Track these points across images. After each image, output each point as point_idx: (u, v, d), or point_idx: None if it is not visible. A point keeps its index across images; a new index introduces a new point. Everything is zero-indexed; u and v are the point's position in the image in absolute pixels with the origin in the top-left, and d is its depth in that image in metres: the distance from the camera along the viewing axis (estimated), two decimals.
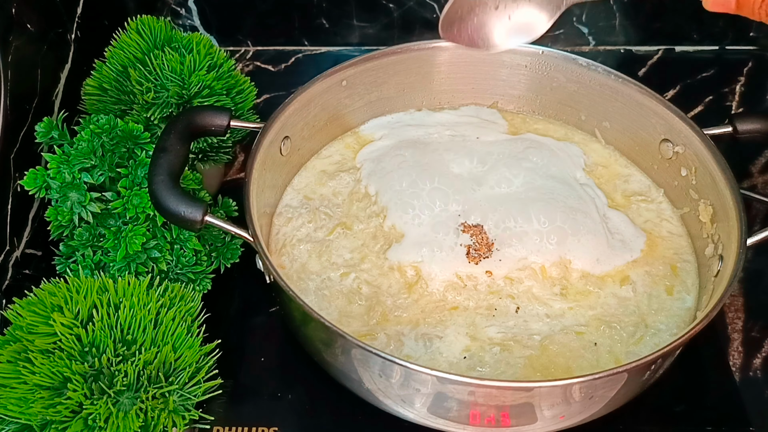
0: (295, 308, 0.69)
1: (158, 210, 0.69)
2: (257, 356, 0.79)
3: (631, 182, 0.88)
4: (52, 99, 0.85)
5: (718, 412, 0.74)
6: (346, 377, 0.70)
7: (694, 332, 0.63)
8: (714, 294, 0.71)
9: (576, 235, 0.78)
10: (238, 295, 0.85)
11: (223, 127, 0.76)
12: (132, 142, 0.75)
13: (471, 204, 0.81)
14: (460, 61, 0.92)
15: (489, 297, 0.75)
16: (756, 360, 0.80)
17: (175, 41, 0.84)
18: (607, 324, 0.73)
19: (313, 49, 1.17)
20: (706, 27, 1.13)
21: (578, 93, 0.90)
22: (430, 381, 0.62)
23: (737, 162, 0.82)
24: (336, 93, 0.87)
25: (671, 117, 0.82)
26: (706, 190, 0.79)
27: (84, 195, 0.71)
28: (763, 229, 0.70)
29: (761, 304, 0.85)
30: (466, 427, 0.67)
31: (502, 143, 0.89)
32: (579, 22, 1.13)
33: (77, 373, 0.60)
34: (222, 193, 0.86)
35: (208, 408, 0.67)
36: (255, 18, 1.13)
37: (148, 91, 0.80)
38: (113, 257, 0.72)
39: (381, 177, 0.85)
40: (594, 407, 0.67)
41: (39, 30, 0.82)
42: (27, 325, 0.63)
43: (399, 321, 0.74)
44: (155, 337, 0.64)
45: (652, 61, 1.15)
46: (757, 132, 0.78)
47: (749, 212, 0.91)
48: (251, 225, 0.69)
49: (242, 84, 0.87)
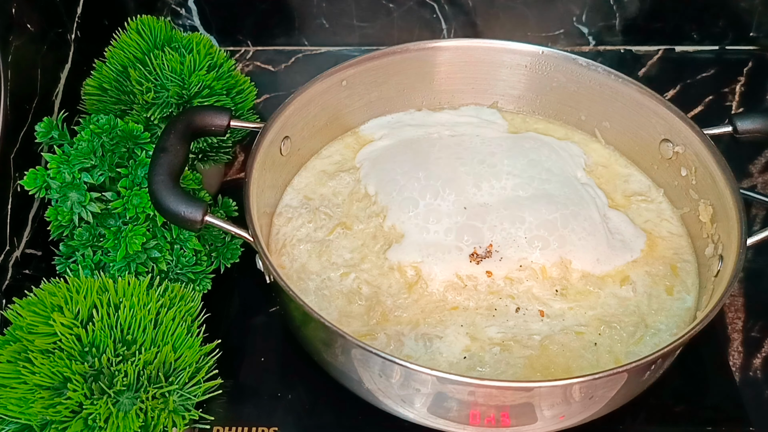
0: (295, 308, 0.69)
1: (158, 210, 0.69)
2: (257, 356, 0.79)
3: (631, 182, 0.88)
4: (52, 99, 0.85)
5: (718, 412, 0.74)
6: (346, 377, 0.70)
7: (694, 332, 0.63)
8: (714, 294, 0.71)
9: (576, 235, 0.78)
10: (238, 295, 0.85)
11: (223, 127, 0.76)
12: (132, 142, 0.75)
13: (471, 204, 0.81)
14: (460, 61, 0.92)
15: (489, 297, 0.75)
16: (756, 360, 0.80)
17: (175, 41, 0.84)
18: (607, 324, 0.73)
19: (313, 49, 1.17)
20: (706, 27, 1.13)
21: (578, 93, 0.90)
22: (430, 381, 0.62)
23: (737, 162, 0.83)
24: (336, 93, 0.87)
25: (671, 117, 0.82)
26: (706, 190, 0.78)
27: (84, 195, 0.71)
28: (763, 229, 0.70)
29: (761, 304, 0.85)
30: (466, 427, 0.67)
31: (503, 143, 0.89)
32: (579, 22, 1.13)
33: (77, 373, 0.60)
34: (222, 193, 0.86)
35: (208, 408, 0.67)
36: (255, 18, 1.13)
37: (148, 91, 0.80)
38: (113, 257, 0.72)
39: (380, 177, 0.85)
40: (594, 407, 0.67)
41: (39, 30, 0.82)
42: (27, 325, 0.63)
43: (399, 321, 0.74)
44: (155, 337, 0.64)
45: (652, 61, 1.15)
46: (757, 132, 0.78)
47: (749, 212, 0.91)
48: (251, 225, 0.69)
49: (242, 84, 0.87)
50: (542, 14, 1.12)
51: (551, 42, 1.15)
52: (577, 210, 0.81)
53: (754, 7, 1.09)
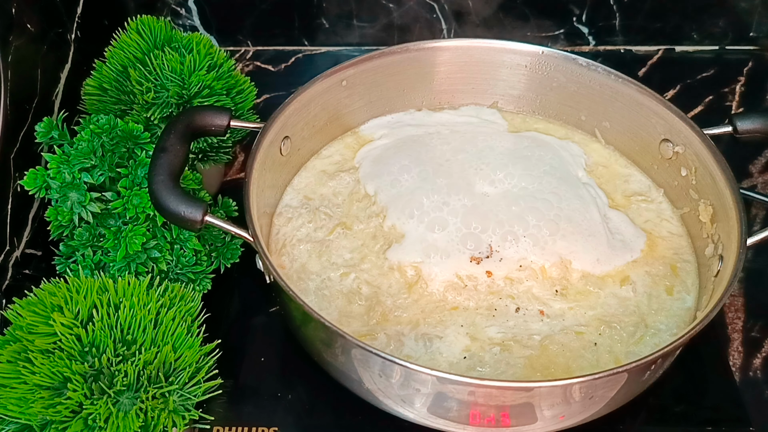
0: (295, 308, 0.69)
1: (158, 210, 0.69)
2: (257, 356, 0.79)
3: (631, 182, 0.88)
4: (52, 99, 0.85)
5: (718, 412, 0.74)
6: (346, 377, 0.70)
7: (694, 332, 0.63)
8: (714, 294, 0.71)
9: (577, 235, 0.78)
10: (238, 295, 0.85)
11: (223, 127, 0.76)
12: (132, 142, 0.75)
13: (471, 204, 0.81)
14: (460, 61, 0.92)
15: (489, 297, 0.75)
16: (756, 360, 0.80)
17: (175, 41, 0.84)
18: (607, 324, 0.73)
19: (313, 49, 1.17)
20: (706, 27, 1.13)
21: (578, 93, 0.90)
22: (430, 381, 0.62)
23: (737, 162, 0.82)
24: (336, 93, 0.87)
25: (671, 117, 0.82)
26: (706, 190, 0.78)
27: (84, 195, 0.71)
28: (763, 229, 0.70)
29: (761, 304, 0.85)
30: (466, 427, 0.67)
31: (504, 142, 0.89)
32: (579, 22, 1.13)
33: (77, 373, 0.60)
34: (222, 193, 0.86)
35: (208, 408, 0.67)
36: (255, 18, 1.13)
37: (148, 91, 0.80)
38: (113, 257, 0.72)
39: (380, 177, 0.85)
40: (594, 407, 0.67)
41: (39, 30, 0.82)
42: (27, 325, 0.63)
43: (399, 321, 0.74)
44: (155, 337, 0.64)
45: (652, 61, 1.15)
46: (757, 132, 0.78)
47: (749, 212, 0.91)
48: (251, 225, 0.69)
49: (242, 84, 0.87)
50: (542, 14, 1.12)
51: (551, 42, 1.15)
52: (577, 210, 0.81)
53: (754, 7, 1.09)
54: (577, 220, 0.80)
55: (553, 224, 0.79)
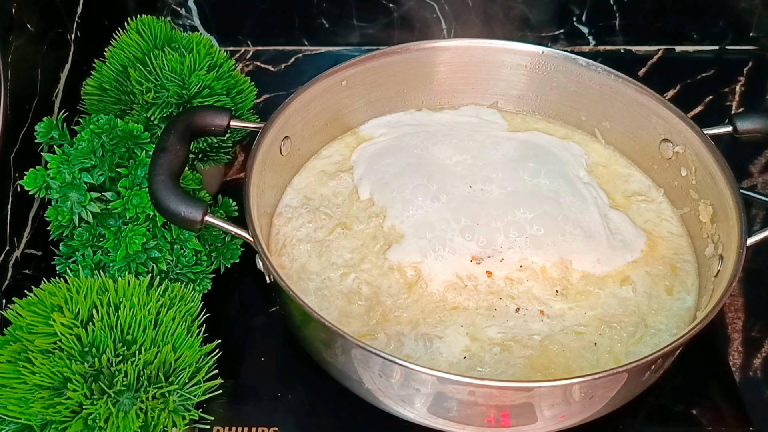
0: (295, 308, 0.69)
1: (158, 210, 0.69)
2: (257, 356, 0.79)
3: (631, 182, 0.88)
4: (52, 99, 0.85)
5: (718, 412, 0.74)
6: (346, 377, 0.70)
7: (694, 332, 0.63)
8: (714, 294, 0.71)
9: (577, 235, 0.78)
10: (238, 295, 0.85)
11: (223, 127, 0.76)
12: (132, 142, 0.75)
13: (472, 204, 0.81)
14: (460, 61, 0.92)
15: (489, 297, 0.75)
16: (756, 360, 0.80)
17: (175, 41, 0.84)
18: (607, 324, 0.73)
19: (313, 49, 1.17)
20: (706, 27, 1.13)
21: (578, 93, 0.90)
22: (430, 381, 0.62)
23: (737, 162, 0.82)
24: (336, 93, 0.87)
25: (671, 117, 0.82)
26: (706, 190, 0.78)
27: (84, 195, 0.71)
28: (763, 229, 0.70)
29: (761, 304, 0.85)
30: (466, 427, 0.67)
31: (504, 142, 0.89)
32: (579, 22, 1.13)
33: (77, 373, 0.60)
34: (222, 193, 0.86)
35: (208, 408, 0.67)
36: (255, 18, 1.13)
37: (148, 91, 0.80)
38: (113, 257, 0.72)
39: (379, 177, 0.84)
40: (594, 407, 0.67)
41: (39, 30, 0.82)
42: (27, 325, 0.63)
43: (399, 321, 0.74)
44: (155, 337, 0.64)
45: (652, 61, 1.15)
46: (757, 132, 0.78)
47: (749, 212, 0.91)
48: (251, 225, 0.69)
49: (242, 84, 0.87)
50: (542, 14, 1.12)
51: (551, 42, 1.15)
52: (578, 210, 0.81)
53: (754, 7, 1.09)
54: (578, 220, 0.80)
55: (554, 224, 0.79)
